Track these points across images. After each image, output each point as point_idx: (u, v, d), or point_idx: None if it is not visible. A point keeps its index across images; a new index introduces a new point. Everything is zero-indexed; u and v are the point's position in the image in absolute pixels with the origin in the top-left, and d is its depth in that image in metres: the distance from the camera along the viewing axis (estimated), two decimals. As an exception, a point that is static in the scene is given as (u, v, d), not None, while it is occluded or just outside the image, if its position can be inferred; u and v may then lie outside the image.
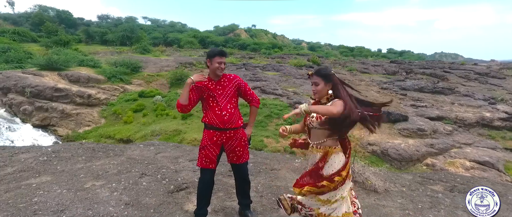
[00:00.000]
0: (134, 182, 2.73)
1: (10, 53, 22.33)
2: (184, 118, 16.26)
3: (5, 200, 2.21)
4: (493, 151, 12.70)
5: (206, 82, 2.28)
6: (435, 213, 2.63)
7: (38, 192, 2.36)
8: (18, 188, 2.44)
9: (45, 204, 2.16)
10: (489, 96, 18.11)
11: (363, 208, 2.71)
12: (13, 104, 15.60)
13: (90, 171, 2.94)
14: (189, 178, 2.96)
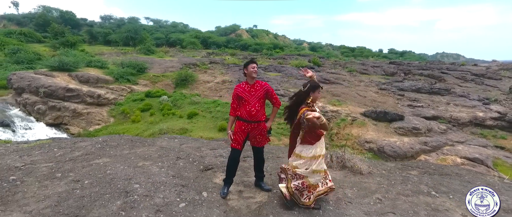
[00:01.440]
0: (173, 163, 3.56)
1: (20, 55, 23.20)
2: (190, 117, 17.11)
3: (86, 173, 3.03)
4: (483, 148, 13.50)
5: (244, 87, 3.06)
6: (403, 186, 3.44)
7: (107, 167, 3.19)
8: (90, 165, 3.26)
9: (116, 175, 2.98)
10: (484, 97, 18.88)
11: (349, 183, 3.54)
12: (27, 104, 16.45)
13: (137, 155, 3.78)
14: (213, 162, 3.79)
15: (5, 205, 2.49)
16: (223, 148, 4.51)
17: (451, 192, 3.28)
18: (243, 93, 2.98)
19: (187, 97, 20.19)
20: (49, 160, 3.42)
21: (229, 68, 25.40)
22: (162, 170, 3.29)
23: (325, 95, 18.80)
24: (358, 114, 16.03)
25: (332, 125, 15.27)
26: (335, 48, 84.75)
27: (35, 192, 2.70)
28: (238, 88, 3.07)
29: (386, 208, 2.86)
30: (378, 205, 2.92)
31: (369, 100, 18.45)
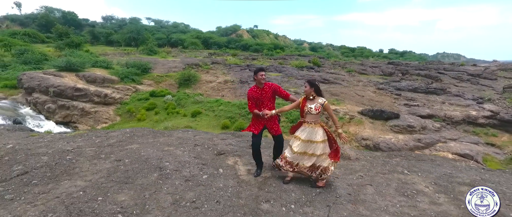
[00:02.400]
0: (192, 148, 4.32)
1: (28, 55, 23.97)
2: (194, 116, 17.88)
3: (124, 154, 3.78)
4: (475, 145, 14.25)
5: (255, 90, 3.68)
6: (382, 168, 4.19)
7: (140, 151, 3.94)
8: (125, 149, 4.01)
9: (149, 156, 3.73)
10: (478, 97, 19.62)
11: (338, 166, 4.29)
12: (38, 103, 17.23)
13: (161, 142, 4.53)
14: (225, 148, 4.54)
15: (69, 175, 3.25)
16: (231, 138, 5.28)
17: (421, 171, 4.05)
18: (256, 96, 3.59)
19: (191, 96, 20.96)
20: (91, 145, 4.19)
21: (231, 69, 26.16)
22: (184, 153, 4.06)
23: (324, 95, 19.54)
24: (356, 113, 16.78)
25: (330, 123, 16.02)
26: (336, 49, 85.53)
27: (88, 168, 3.47)
28: (251, 92, 3.64)
29: (365, 181, 3.62)
30: (360, 180, 3.68)
31: (366, 100, 19.21)
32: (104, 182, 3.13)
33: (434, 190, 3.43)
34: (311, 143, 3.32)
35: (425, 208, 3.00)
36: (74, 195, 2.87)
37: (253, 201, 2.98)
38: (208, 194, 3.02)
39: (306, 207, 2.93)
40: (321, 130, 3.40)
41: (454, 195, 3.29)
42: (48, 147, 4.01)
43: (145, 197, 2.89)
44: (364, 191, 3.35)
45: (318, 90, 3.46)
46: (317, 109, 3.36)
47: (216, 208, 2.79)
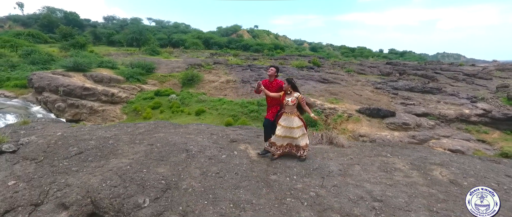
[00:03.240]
0: (209, 136, 5.15)
1: (35, 56, 24.79)
2: (198, 114, 18.71)
3: (154, 140, 4.61)
4: (466, 141, 15.11)
5: (266, 81, 4.60)
6: (369, 152, 5.01)
7: (167, 137, 4.75)
8: (154, 137, 4.85)
9: (176, 141, 4.54)
10: (472, 96, 20.47)
11: (333, 151, 5.12)
12: (48, 102, 18.06)
13: (181, 132, 5.36)
14: (236, 137, 5.37)
15: (115, 155, 4.09)
16: (240, 130, 6.12)
17: (401, 155, 4.89)
18: (265, 85, 4.55)
19: (194, 96, 21.81)
20: (125, 134, 5.02)
21: (232, 69, 26.99)
22: (204, 139, 4.90)
23: (323, 94, 20.42)
24: (354, 111, 17.63)
25: (329, 121, 16.87)
26: (336, 49, 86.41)
27: (128, 150, 4.31)
28: (263, 82, 4.63)
29: (354, 162, 4.46)
30: (349, 161, 4.52)
31: (364, 99, 20.06)
32: (144, 160, 3.96)
33: (409, 168, 4.27)
34: (291, 129, 4.26)
35: (399, 179, 3.84)
36: (123, 168, 3.71)
37: (264, 173, 3.82)
38: (228, 168, 3.85)
39: (305, 178, 3.76)
40: (297, 118, 4.33)
41: (424, 171, 4.13)
42: (90, 134, 4.84)
43: (179, 170, 3.73)
44: (352, 168, 4.19)
45: (294, 87, 4.37)
46: (293, 101, 4.26)
47: (235, 178, 3.63)
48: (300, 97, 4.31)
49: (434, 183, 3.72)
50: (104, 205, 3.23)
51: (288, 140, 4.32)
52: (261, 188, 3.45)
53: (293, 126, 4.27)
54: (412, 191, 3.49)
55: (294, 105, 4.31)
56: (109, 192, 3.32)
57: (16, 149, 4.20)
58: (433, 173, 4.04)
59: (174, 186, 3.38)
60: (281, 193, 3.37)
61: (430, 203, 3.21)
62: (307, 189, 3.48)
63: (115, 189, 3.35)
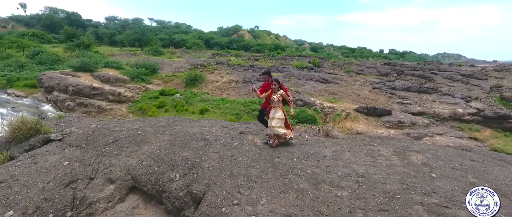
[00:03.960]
0: (221, 129, 6.00)
1: (42, 56, 25.66)
2: (202, 113, 19.56)
3: (175, 131, 5.46)
4: (458, 139, 15.95)
5: (266, 84, 5.52)
6: (359, 142, 5.85)
7: (186, 129, 5.59)
8: (174, 129, 5.70)
9: (194, 132, 5.40)
10: (466, 95, 21.33)
11: (328, 141, 5.97)
12: (58, 101, 18.92)
13: (197, 125, 6.21)
14: (244, 129, 6.23)
15: (145, 143, 4.95)
16: (248, 124, 6.98)
17: (386, 144, 5.74)
18: (266, 87, 5.43)
19: (197, 95, 22.66)
20: (149, 126, 5.88)
21: (234, 69, 27.84)
22: (217, 131, 5.76)
23: (323, 94, 21.28)
24: (352, 110, 18.49)
25: (328, 119, 17.72)
26: (336, 49, 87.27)
27: (155, 139, 5.16)
28: (264, 85, 5.51)
29: (345, 149, 5.32)
30: (341, 148, 5.38)
31: (362, 98, 20.92)
32: (169, 146, 4.82)
33: (391, 154, 5.12)
34: (273, 119, 5.18)
35: (381, 162, 4.69)
36: (154, 152, 4.56)
37: (270, 157, 4.68)
38: (240, 152, 4.71)
39: (304, 160, 4.62)
40: (280, 111, 5.27)
41: (403, 156, 4.98)
42: (120, 127, 5.70)
43: (200, 154, 4.59)
44: (343, 154, 5.05)
45: (280, 86, 5.25)
46: (278, 98, 5.16)
47: (246, 160, 4.49)
48: (282, 93, 5.25)
49: (409, 165, 4.58)
50: (142, 180, 4.09)
51: (271, 129, 5.27)
52: (268, 167, 4.31)
53: (276, 116, 5.24)
54: (390, 170, 4.34)
55: (279, 101, 5.24)
56: (145, 170, 4.18)
57: (62, 137, 5.06)
58: (410, 158, 4.90)
59: (197, 165, 4.24)
60: (284, 171, 4.23)
61: (402, 178, 4.07)
62: (305, 168, 4.34)
63: (150, 168, 4.21)
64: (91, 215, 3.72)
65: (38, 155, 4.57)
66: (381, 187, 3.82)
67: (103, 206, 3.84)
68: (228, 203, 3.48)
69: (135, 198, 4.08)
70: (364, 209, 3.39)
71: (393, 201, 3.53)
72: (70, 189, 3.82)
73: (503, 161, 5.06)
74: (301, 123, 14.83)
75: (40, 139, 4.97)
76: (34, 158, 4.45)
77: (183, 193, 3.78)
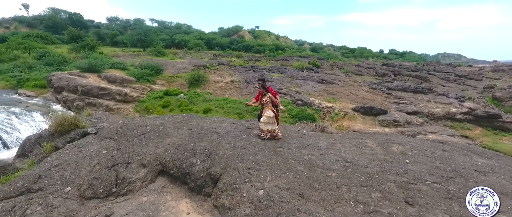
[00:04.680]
0: (230, 125, 6.96)
1: (49, 58, 26.61)
2: (205, 112, 20.49)
3: (192, 126, 6.38)
4: (450, 137, 16.90)
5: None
6: (350, 136, 6.80)
7: (200, 125, 6.56)
8: (190, 124, 6.63)
9: (208, 127, 6.36)
10: (460, 95, 22.28)
11: (323, 135, 6.93)
12: (67, 101, 19.88)
13: (209, 121, 7.17)
14: (249, 125, 7.18)
15: (167, 135, 5.91)
16: (253, 120, 7.94)
17: (373, 138, 6.70)
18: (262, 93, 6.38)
19: (201, 95, 23.62)
20: (168, 122, 6.85)
21: (236, 70, 28.79)
22: (227, 126, 6.73)
23: (322, 94, 22.24)
24: (349, 109, 19.45)
25: (327, 118, 18.68)
26: (336, 49, 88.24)
27: (175, 132, 6.12)
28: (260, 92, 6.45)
29: (336, 142, 6.28)
30: (333, 141, 6.34)
31: (360, 98, 21.88)
32: (188, 138, 5.79)
33: (376, 145, 6.09)
34: (269, 117, 6.09)
35: (366, 151, 5.66)
36: (176, 143, 5.53)
37: (273, 147, 5.65)
38: (248, 143, 5.68)
39: (301, 150, 5.59)
40: (269, 110, 6.17)
41: (386, 147, 5.94)
42: (143, 122, 6.67)
43: (215, 144, 5.55)
44: (335, 145, 6.01)
45: (267, 89, 6.20)
46: (266, 100, 6.08)
47: (254, 149, 5.45)
48: (270, 95, 6.20)
49: (389, 153, 5.55)
50: (169, 165, 5.06)
51: (269, 126, 6.14)
52: (272, 155, 5.27)
53: (267, 115, 6.14)
54: (372, 157, 5.31)
55: (268, 103, 6.16)
56: (171, 157, 5.15)
57: (96, 131, 6.02)
58: (391, 148, 5.86)
59: (214, 153, 5.20)
60: (285, 158, 5.19)
61: (382, 163, 5.03)
62: (302, 156, 5.30)
63: (175, 155, 5.18)
64: (130, 191, 4.68)
65: (80, 145, 5.54)
66: (363, 170, 4.79)
67: (139, 185, 4.81)
68: (241, 181, 4.44)
69: (163, 179, 5.05)
70: (348, 185, 4.35)
71: (372, 179, 4.50)
72: (113, 171, 4.78)
73: (470, 151, 6.03)
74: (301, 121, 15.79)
75: (79, 133, 5.93)
76: (78, 148, 5.42)
77: (204, 174, 4.75)
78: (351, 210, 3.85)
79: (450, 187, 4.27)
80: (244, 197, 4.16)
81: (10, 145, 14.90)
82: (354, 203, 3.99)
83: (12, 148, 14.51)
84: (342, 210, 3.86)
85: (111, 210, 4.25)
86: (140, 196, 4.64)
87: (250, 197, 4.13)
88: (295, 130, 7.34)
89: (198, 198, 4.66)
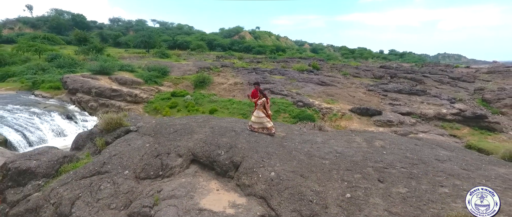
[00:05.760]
0: (243, 124, 8.48)
1: (60, 60, 28.12)
2: (211, 113, 22.02)
3: (212, 125, 7.88)
4: (440, 136, 18.48)
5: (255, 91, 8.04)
6: (343, 133, 8.33)
7: (220, 124, 8.07)
8: (211, 123, 8.14)
9: (226, 126, 7.87)
10: (452, 97, 23.87)
11: (320, 133, 8.47)
12: (82, 102, 21.41)
13: (225, 121, 8.70)
14: (259, 125, 8.76)
15: (195, 133, 7.47)
16: (260, 121, 9.51)
17: (361, 135, 8.26)
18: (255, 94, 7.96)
19: (206, 96, 25.17)
20: (193, 122, 8.39)
21: (239, 72, 30.34)
22: (241, 125, 8.27)
23: (321, 96, 23.80)
24: (347, 110, 21.02)
25: (326, 119, 20.23)
26: (336, 50, 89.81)
27: (200, 130, 7.67)
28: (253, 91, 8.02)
29: (330, 138, 7.83)
30: (328, 137, 7.89)
31: (357, 100, 23.46)
32: (212, 135, 7.33)
33: (362, 141, 7.64)
34: (259, 117, 7.60)
35: (354, 145, 7.21)
36: (203, 138, 7.08)
37: (280, 142, 7.20)
38: (260, 139, 7.23)
39: (302, 144, 7.14)
40: (260, 111, 7.66)
41: (370, 142, 7.49)
42: (173, 122, 8.21)
43: (234, 139, 7.09)
44: (329, 141, 7.57)
45: (264, 95, 7.65)
46: (260, 103, 7.59)
47: (265, 143, 7.00)
48: (263, 99, 7.66)
49: (371, 147, 7.10)
50: (199, 155, 6.61)
51: (259, 124, 7.69)
52: (279, 147, 6.83)
53: (260, 115, 7.64)
54: (358, 149, 6.86)
55: (261, 105, 7.66)
56: (200, 149, 6.70)
57: (136, 129, 7.56)
58: (374, 143, 7.42)
59: (234, 146, 6.74)
60: (289, 150, 6.74)
61: (364, 154, 6.58)
62: (303, 148, 6.85)
63: (203, 147, 6.72)
64: (172, 174, 6.23)
65: (127, 140, 7.09)
66: (350, 158, 6.34)
67: (178, 170, 6.36)
68: (256, 166, 5.99)
69: (195, 166, 6.60)
70: (337, 169, 5.91)
71: (355, 165, 6.05)
72: (158, 159, 6.34)
73: (438, 146, 7.59)
74: (301, 121, 17.34)
75: (123, 130, 7.48)
76: (126, 142, 6.97)
77: (228, 162, 6.29)
78: (338, 185, 5.41)
79: (413, 170, 5.83)
80: (260, 177, 5.71)
81: (32, 144, 16.54)
82: (341, 181, 5.54)
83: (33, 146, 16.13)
84: (332, 186, 5.42)
85: (160, 187, 5.79)
86: (179, 178, 6.18)
87: (264, 177, 5.68)
88: (297, 129, 8.89)
89: (224, 180, 6.20)
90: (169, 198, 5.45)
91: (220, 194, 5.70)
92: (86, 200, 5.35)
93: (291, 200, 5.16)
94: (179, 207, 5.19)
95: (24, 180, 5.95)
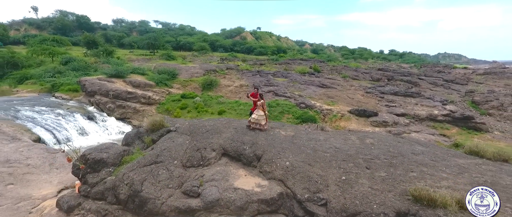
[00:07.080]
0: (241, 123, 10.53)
1: (74, 63, 30.07)
2: (220, 114, 24.03)
3: (235, 126, 9.84)
4: (431, 135, 20.54)
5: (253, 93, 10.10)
6: (340, 133, 10.32)
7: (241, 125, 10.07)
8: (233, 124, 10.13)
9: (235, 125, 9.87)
10: (444, 99, 25.94)
11: (321, 132, 10.49)
12: (100, 103, 23.39)
13: (242, 122, 10.72)
14: (273, 126, 10.75)
15: (222, 132, 9.50)
16: (274, 123, 11.55)
17: (356, 134, 10.30)
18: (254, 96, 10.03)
19: (214, 98, 27.18)
20: (218, 123, 10.41)
21: (243, 74, 32.35)
22: (242, 120, 10.31)
23: (322, 98, 25.84)
24: (346, 111, 23.07)
25: (326, 119, 22.27)
26: (337, 50, 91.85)
27: (225, 130, 9.70)
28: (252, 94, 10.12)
29: (330, 136, 9.88)
30: (329, 136, 9.94)
31: (355, 101, 25.51)
32: (236, 134, 9.36)
33: (356, 138, 9.68)
34: (258, 115, 9.62)
35: (349, 142, 9.26)
36: (230, 137, 9.11)
37: (291, 139, 9.25)
38: (276, 137, 9.26)
39: (309, 141, 9.18)
40: (260, 111, 9.68)
41: (362, 140, 9.53)
42: (202, 123, 10.23)
43: (255, 137, 9.12)
44: (329, 139, 9.61)
45: (262, 97, 9.67)
46: (260, 104, 9.62)
47: (280, 140, 9.04)
48: (262, 102, 9.66)
49: (363, 143, 9.14)
50: (229, 149, 8.64)
51: (256, 121, 9.70)
52: (291, 144, 8.86)
53: (259, 114, 9.66)
54: (352, 145, 8.90)
55: (261, 105, 9.68)
56: (229, 145, 8.73)
57: (175, 129, 9.59)
58: (365, 140, 9.46)
59: (256, 143, 8.77)
60: (299, 145, 8.77)
61: (357, 149, 8.62)
62: (309, 144, 8.89)
63: (231, 144, 8.76)
64: (209, 164, 8.26)
65: (170, 138, 9.11)
66: (346, 152, 8.38)
67: (213, 161, 8.39)
68: (275, 158, 8.03)
69: (226, 158, 8.63)
70: (336, 160, 7.94)
71: (350, 157, 8.09)
72: (198, 152, 8.37)
73: (417, 143, 9.65)
74: (304, 122, 19.37)
75: (165, 130, 9.50)
76: (171, 139, 9.00)
77: (252, 155, 8.32)
78: (336, 171, 7.45)
79: (393, 161, 7.88)
80: (278, 166, 7.75)
81: (61, 142, 18.58)
82: (338, 168, 7.58)
83: (61, 144, 18.15)
84: (331, 172, 7.46)
85: (202, 173, 7.82)
86: (215, 166, 8.22)
87: (281, 165, 7.72)
88: (303, 129, 10.93)
89: (249, 168, 8.24)
90: (210, 181, 7.48)
91: (248, 178, 7.74)
92: (151, 181, 7.38)
93: (302, 181, 7.20)
94: (219, 186, 7.22)
95: (99, 167, 7.97)
